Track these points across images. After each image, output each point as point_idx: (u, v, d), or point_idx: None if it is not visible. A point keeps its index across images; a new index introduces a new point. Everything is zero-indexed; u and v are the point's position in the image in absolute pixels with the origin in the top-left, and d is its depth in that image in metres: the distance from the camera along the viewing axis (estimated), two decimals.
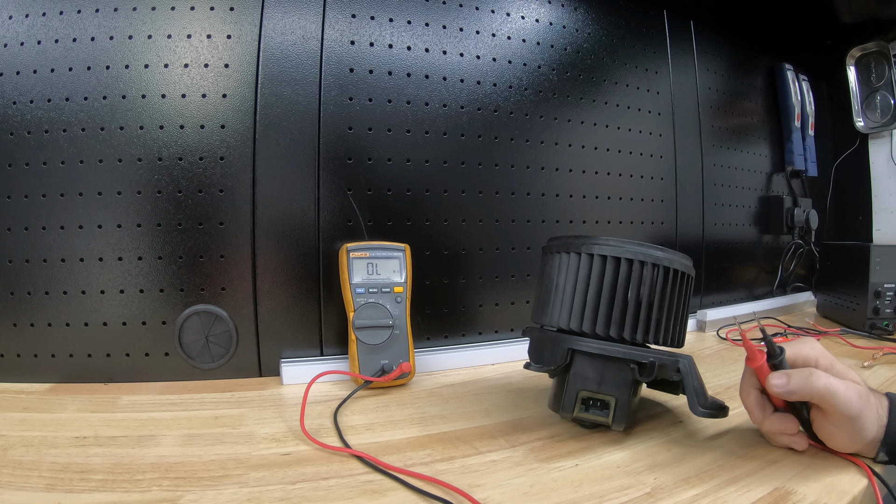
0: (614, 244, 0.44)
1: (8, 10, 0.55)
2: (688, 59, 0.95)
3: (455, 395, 0.56)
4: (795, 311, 1.07)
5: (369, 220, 0.65)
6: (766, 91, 1.10)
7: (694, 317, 0.91)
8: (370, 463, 0.39)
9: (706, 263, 0.97)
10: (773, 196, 1.10)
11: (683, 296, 0.46)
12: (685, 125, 0.94)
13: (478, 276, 0.72)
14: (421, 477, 0.37)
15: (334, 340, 0.64)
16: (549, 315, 0.46)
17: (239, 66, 0.60)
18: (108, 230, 0.57)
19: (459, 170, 0.70)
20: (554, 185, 0.78)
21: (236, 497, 0.34)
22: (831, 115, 1.23)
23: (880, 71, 1.10)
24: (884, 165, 1.15)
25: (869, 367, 0.64)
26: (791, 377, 0.38)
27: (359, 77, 0.64)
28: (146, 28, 0.58)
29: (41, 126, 0.56)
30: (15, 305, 0.56)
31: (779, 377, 0.38)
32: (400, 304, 0.60)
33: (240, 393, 0.56)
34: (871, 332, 0.82)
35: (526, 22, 0.76)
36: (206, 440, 0.43)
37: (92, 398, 0.52)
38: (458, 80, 0.70)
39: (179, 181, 0.59)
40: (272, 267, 0.61)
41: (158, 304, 0.58)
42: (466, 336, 0.72)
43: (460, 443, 0.44)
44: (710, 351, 0.76)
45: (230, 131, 0.60)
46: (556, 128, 0.78)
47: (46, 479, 0.35)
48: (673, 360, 0.41)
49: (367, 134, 0.65)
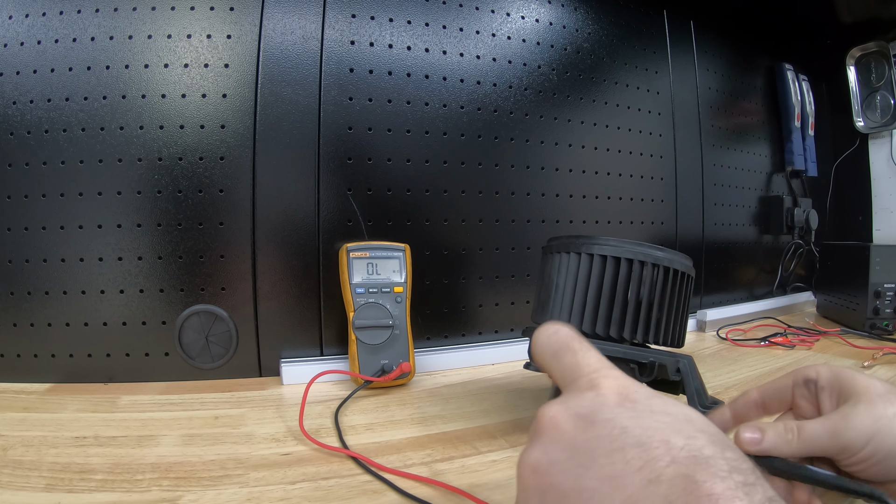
0: (614, 244, 0.44)
1: (8, 10, 0.55)
2: (688, 58, 0.95)
3: (455, 395, 0.56)
4: (795, 311, 1.07)
5: (369, 220, 0.65)
6: (766, 91, 1.10)
7: (694, 317, 0.91)
8: (363, 464, 0.39)
9: (706, 263, 0.97)
10: (773, 196, 1.10)
11: (683, 296, 0.46)
12: (685, 125, 0.94)
13: (478, 276, 0.72)
14: (414, 478, 0.37)
15: (334, 340, 0.64)
16: (549, 315, 0.46)
17: (239, 66, 0.60)
18: (108, 230, 0.57)
19: (459, 170, 0.70)
20: (554, 185, 0.78)
21: (236, 497, 0.34)
22: (831, 115, 1.23)
23: (880, 71, 1.10)
24: (884, 165, 1.15)
25: (869, 367, 0.64)
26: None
27: (359, 77, 0.64)
28: (146, 28, 0.58)
29: (41, 126, 0.56)
30: (15, 305, 0.56)
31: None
32: (400, 304, 0.60)
33: (240, 393, 0.56)
34: (871, 332, 0.82)
35: (526, 22, 0.76)
36: (206, 440, 0.43)
37: (92, 398, 0.52)
38: (458, 80, 0.70)
39: (179, 181, 0.59)
40: (272, 267, 0.61)
41: (158, 304, 0.58)
42: (466, 336, 0.72)
43: (460, 443, 0.44)
44: (710, 351, 0.76)
45: (230, 131, 0.60)
46: (556, 128, 0.78)
47: (46, 479, 0.35)
48: (673, 360, 0.41)
49: (367, 134, 0.65)
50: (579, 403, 0.21)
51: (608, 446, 0.19)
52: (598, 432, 0.20)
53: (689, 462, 0.17)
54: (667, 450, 0.18)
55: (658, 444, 0.18)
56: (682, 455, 0.18)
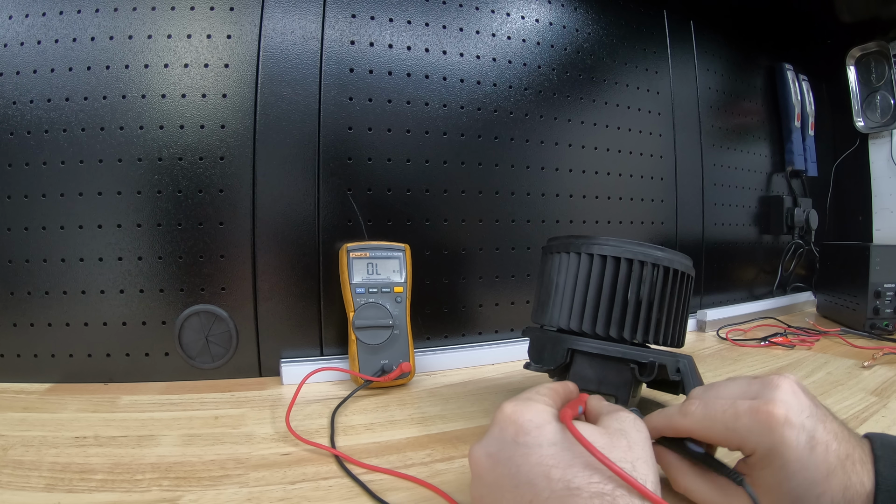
0: (614, 244, 0.44)
1: (8, 10, 0.55)
2: (688, 58, 0.95)
3: (455, 395, 0.56)
4: (795, 311, 1.07)
5: (369, 220, 0.65)
6: (766, 91, 1.10)
7: (694, 317, 0.91)
8: (343, 464, 0.39)
9: (706, 263, 0.97)
10: (773, 196, 1.10)
11: (683, 296, 0.46)
12: (685, 125, 0.94)
13: (478, 276, 0.72)
14: (408, 478, 0.37)
15: (334, 340, 0.64)
16: (548, 315, 0.46)
17: (239, 66, 0.60)
18: (108, 230, 0.57)
19: (459, 170, 0.70)
20: (554, 185, 0.78)
21: (236, 497, 0.34)
22: (831, 115, 1.23)
23: (880, 71, 1.10)
24: (884, 165, 1.15)
25: (869, 367, 0.64)
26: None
27: (359, 77, 0.64)
28: (146, 28, 0.58)
29: (41, 126, 0.56)
30: (15, 305, 0.56)
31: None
32: (400, 304, 0.60)
33: (240, 393, 0.56)
34: (871, 332, 0.82)
35: (526, 22, 0.76)
36: (206, 440, 0.43)
37: (92, 398, 0.52)
38: (458, 80, 0.70)
39: (179, 181, 0.59)
40: (272, 267, 0.61)
41: (158, 304, 0.58)
42: (466, 336, 0.72)
43: (460, 443, 0.43)
44: (710, 351, 0.76)
45: (230, 131, 0.60)
46: (556, 128, 0.78)
47: (46, 479, 0.35)
48: (673, 360, 0.41)
49: (367, 134, 0.65)
50: (489, 442, 0.27)
51: (509, 483, 0.24)
52: (501, 471, 0.25)
53: (563, 494, 0.22)
54: (547, 484, 0.23)
55: (541, 480, 0.23)
56: (559, 487, 0.23)
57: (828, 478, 0.25)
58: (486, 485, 0.26)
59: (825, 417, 0.28)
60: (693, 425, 0.30)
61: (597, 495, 0.22)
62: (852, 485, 0.25)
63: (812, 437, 0.26)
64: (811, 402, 0.28)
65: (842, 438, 0.27)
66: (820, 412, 0.28)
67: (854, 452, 0.26)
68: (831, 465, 0.26)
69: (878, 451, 0.26)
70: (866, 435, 0.28)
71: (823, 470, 0.25)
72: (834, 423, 0.28)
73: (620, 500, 0.22)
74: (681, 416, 0.30)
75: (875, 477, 0.25)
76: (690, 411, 0.30)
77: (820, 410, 0.28)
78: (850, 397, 0.54)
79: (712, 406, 0.29)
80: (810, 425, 0.26)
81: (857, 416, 0.48)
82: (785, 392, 0.28)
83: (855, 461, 0.26)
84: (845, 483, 0.25)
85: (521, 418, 0.26)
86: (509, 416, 0.27)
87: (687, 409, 0.30)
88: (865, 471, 0.26)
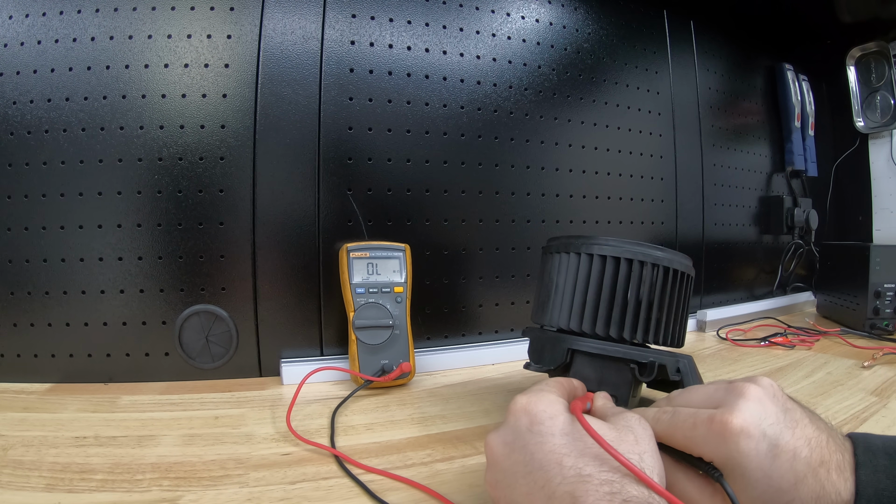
0: (614, 244, 0.44)
1: (8, 10, 0.55)
2: (688, 58, 0.95)
3: (455, 395, 0.56)
4: (795, 311, 1.07)
5: (369, 220, 0.65)
6: (766, 91, 1.10)
7: (694, 317, 0.91)
8: (343, 464, 0.39)
9: (706, 263, 0.97)
10: (773, 196, 1.10)
11: (683, 296, 0.46)
12: (685, 125, 0.94)
13: (478, 276, 0.72)
14: (404, 480, 0.37)
15: (334, 340, 0.64)
16: (548, 315, 0.46)
17: (239, 66, 0.60)
18: (108, 230, 0.57)
19: (459, 170, 0.70)
20: (554, 185, 0.78)
21: (236, 497, 0.34)
22: (831, 115, 1.23)
23: (880, 71, 1.10)
24: (884, 165, 1.15)
25: (869, 367, 0.64)
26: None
27: (359, 77, 0.64)
28: (146, 28, 0.58)
29: (41, 126, 0.56)
30: (15, 305, 0.56)
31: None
32: (400, 304, 0.60)
33: (240, 393, 0.56)
34: (871, 332, 0.82)
35: (526, 22, 0.76)
36: (206, 440, 0.43)
37: (92, 398, 0.52)
38: (459, 80, 0.70)
39: (179, 181, 0.59)
40: (272, 267, 0.61)
41: (158, 304, 0.58)
42: (466, 336, 0.72)
43: (460, 443, 0.44)
44: (710, 351, 0.76)
45: (230, 131, 0.60)
46: (556, 128, 0.78)
47: (46, 479, 0.35)
48: (673, 360, 0.41)
49: (367, 134, 0.65)
50: (505, 431, 0.28)
51: (523, 469, 0.26)
52: (516, 458, 0.26)
53: (575, 481, 0.23)
54: (559, 471, 0.24)
55: (554, 467, 0.24)
56: (570, 475, 0.24)
57: (796, 486, 0.24)
58: (501, 470, 0.27)
59: (796, 423, 0.26)
60: (661, 432, 0.29)
61: (606, 483, 0.23)
62: (826, 493, 0.24)
63: (775, 446, 0.25)
64: (778, 409, 0.27)
65: (816, 445, 0.25)
66: (789, 418, 0.26)
67: (831, 459, 0.25)
68: (800, 473, 0.24)
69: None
70: (849, 436, 0.27)
71: (790, 478, 0.24)
72: (808, 429, 0.26)
73: (628, 487, 0.23)
74: (653, 422, 0.30)
75: (855, 485, 0.24)
76: (660, 418, 0.30)
77: (790, 416, 0.27)
78: (850, 397, 0.54)
79: (678, 414, 0.29)
80: (773, 433, 0.25)
81: (857, 416, 0.48)
82: (748, 400, 0.27)
83: (831, 469, 0.25)
84: (817, 492, 0.24)
85: (534, 408, 0.28)
86: (524, 406, 0.28)
87: (658, 415, 0.30)
88: (842, 479, 0.24)
